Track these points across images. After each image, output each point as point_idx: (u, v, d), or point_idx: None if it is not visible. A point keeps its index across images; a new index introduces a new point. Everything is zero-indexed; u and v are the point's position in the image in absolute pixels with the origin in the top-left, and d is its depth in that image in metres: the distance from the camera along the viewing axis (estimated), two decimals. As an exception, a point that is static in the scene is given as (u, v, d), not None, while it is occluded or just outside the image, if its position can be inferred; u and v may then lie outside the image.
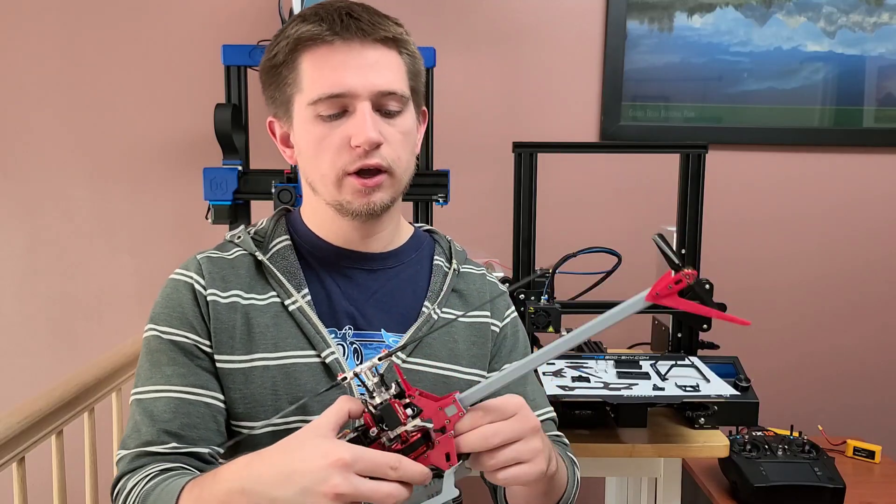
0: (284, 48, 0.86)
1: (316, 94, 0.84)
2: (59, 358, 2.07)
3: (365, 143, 0.83)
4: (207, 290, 0.88)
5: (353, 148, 0.84)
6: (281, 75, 0.87)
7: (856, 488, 1.61)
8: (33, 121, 2.02)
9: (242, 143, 1.70)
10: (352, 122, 0.84)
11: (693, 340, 1.54)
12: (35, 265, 2.06)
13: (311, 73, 0.85)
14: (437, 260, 0.99)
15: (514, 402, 0.72)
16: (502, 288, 1.04)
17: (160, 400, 0.85)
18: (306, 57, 0.85)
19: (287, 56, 0.86)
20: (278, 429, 0.85)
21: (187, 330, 0.87)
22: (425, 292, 0.95)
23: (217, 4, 1.99)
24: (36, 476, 1.28)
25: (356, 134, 0.83)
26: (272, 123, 0.93)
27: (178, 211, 2.03)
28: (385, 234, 0.95)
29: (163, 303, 0.89)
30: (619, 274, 1.48)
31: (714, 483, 1.64)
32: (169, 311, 0.88)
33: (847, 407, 2.17)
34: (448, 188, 1.64)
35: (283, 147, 0.94)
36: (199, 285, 0.88)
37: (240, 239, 0.94)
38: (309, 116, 0.85)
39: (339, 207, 0.88)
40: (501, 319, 1.00)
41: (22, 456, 1.20)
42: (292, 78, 0.86)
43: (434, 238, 1.03)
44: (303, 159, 0.90)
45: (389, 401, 0.67)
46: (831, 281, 2.13)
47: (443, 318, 0.94)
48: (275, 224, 0.96)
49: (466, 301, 0.97)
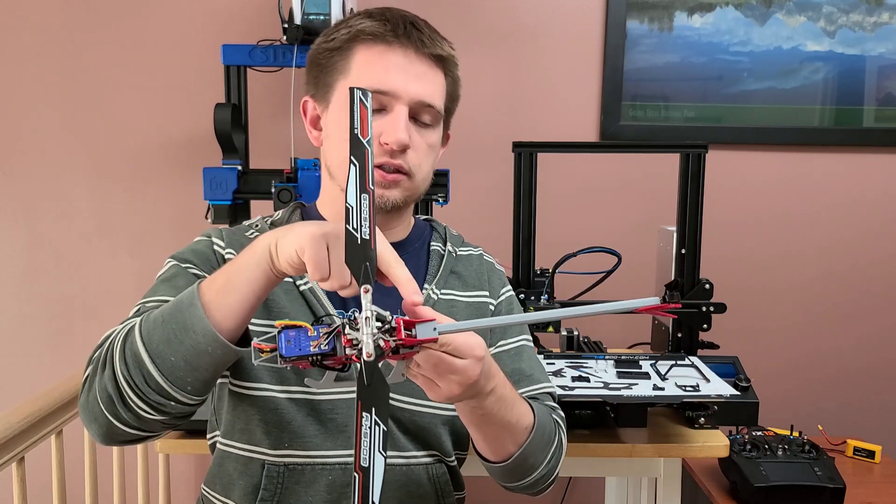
0: (345, 35, 0.90)
1: (362, 84, 0.86)
2: (59, 358, 2.07)
3: (395, 142, 0.87)
4: (226, 250, 0.93)
5: (381, 144, 0.88)
6: (332, 60, 0.91)
7: (856, 488, 1.61)
8: (33, 121, 2.02)
9: (242, 142, 1.70)
10: (386, 120, 0.88)
11: (693, 340, 1.54)
12: (35, 265, 2.06)
13: (362, 64, 0.89)
14: (434, 245, 1.03)
15: (472, 346, 0.72)
16: (499, 267, 1.09)
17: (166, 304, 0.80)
18: (362, 49, 0.90)
19: (344, 43, 0.90)
20: (281, 396, 0.87)
21: (208, 270, 0.89)
22: (424, 276, 0.99)
23: (217, 4, 1.98)
24: (36, 476, 1.28)
25: (388, 132, 0.88)
26: (306, 103, 0.97)
27: (178, 211, 2.03)
28: (394, 231, 0.98)
29: (186, 250, 0.93)
30: (619, 274, 1.48)
31: (714, 483, 1.64)
32: (192, 254, 0.92)
33: (847, 407, 2.17)
34: (448, 188, 1.64)
35: (311, 128, 0.97)
36: (218, 245, 0.93)
37: (257, 226, 0.98)
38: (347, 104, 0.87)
39: None
40: (497, 297, 1.04)
41: (22, 456, 1.20)
42: (342, 64, 0.90)
43: (432, 226, 1.07)
44: (328, 142, 0.94)
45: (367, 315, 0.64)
46: (831, 281, 2.13)
47: (442, 298, 0.97)
48: (290, 214, 1.00)
49: (465, 282, 1.01)
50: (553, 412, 0.98)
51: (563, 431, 0.97)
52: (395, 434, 0.92)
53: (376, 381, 0.61)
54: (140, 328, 0.75)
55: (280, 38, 1.63)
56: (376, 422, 0.59)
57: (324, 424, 0.88)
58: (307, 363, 0.66)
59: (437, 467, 0.95)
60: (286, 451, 0.88)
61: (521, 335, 1.03)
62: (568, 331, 1.57)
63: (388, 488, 0.89)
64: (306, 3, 1.57)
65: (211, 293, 0.73)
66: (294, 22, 1.58)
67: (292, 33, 1.59)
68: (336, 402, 0.89)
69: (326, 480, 0.88)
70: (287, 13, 1.62)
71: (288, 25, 1.59)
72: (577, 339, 1.58)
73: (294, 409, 0.88)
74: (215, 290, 0.74)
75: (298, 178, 1.59)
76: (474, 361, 0.72)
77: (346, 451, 0.89)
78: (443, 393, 0.73)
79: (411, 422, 0.92)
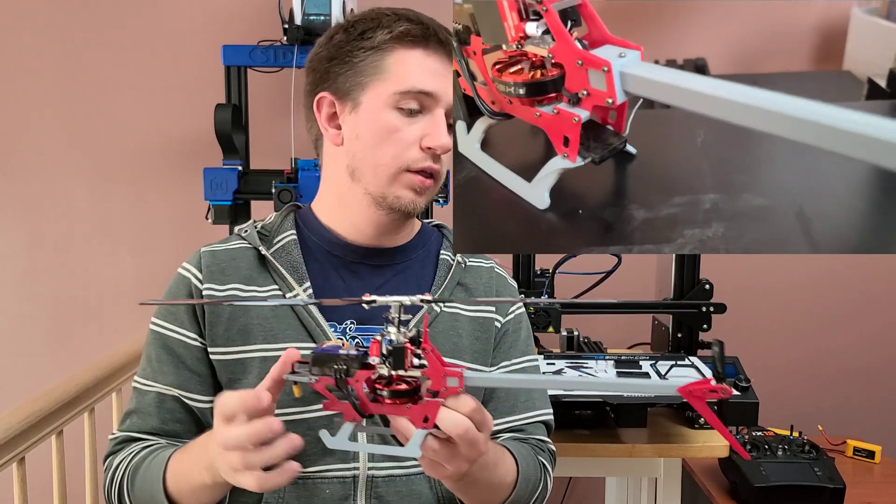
0: (384, 35, 0.88)
1: (406, 85, 0.86)
2: (59, 358, 2.07)
3: (440, 147, 0.87)
4: (204, 285, 0.90)
5: (423, 148, 0.87)
6: (366, 59, 0.89)
7: (856, 488, 1.61)
8: (33, 121, 2.02)
9: (242, 143, 1.71)
10: (429, 124, 0.88)
11: (693, 340, 1.54)
12: (35, 265, 2.06)
13: (403, 66, 0.88)
14: (443, 254, 0.99)
15: (489, 421, 0.71)
16: (511, 282, 1.04)
17: (149, 394, 0.90)
18: (401, 51, 0.88)
19: (383, 43, 0.88)
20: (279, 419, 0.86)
21: (176, 325, 0.90)
22: (430, 286, 0.96)
23: (217, 4, 1.99)
24: (36, 476, 1.28)
25: (434, 136, 0.87)
26: (322, 100, 0.92)
27: (178, 211, 2.03)
28: (399, 236, 0.96)
29: (164, 297, 0.94)
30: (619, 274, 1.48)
31: (714, 483, 1.64)
32: (167, 310, 0.92)
33: (847, 407, 2.17)
34: (448, 188, 1.64)
35: (327, 125, 0.93)
36: (195, 280, 0.91)
37: (246, 233, 0.95)
38: (387, 104, 0.87)
39: (382, 199, 0.90)
40: (505, 315, 1.00)
41: (22, 456, 1.20)
42: (377, 65, 0.88)
43: (442, 232, 1.04)
44: (359, 143, 0.89)
45: (405, 344, 0.66)
46: (831, 281, 2.13)
47: (445, 311, 0.95)
48: (282, 219, 0.97)
49: (472, 295, 0.98)
50: (540, 452, 0.97)
51: (549, 473, 0.96)
52: (394, 444, 0.91)
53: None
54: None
55: (280, 38, 1.64)
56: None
57: (320, 441, 0.88)
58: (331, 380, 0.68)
59: None
60: None
61: (526, 355, 1.01)
62: (568, 331, 1.58)
63: (391, 500, 0.89)
64: (307, 4, 1.57)
65: (174, 490, 0.81)
66: (294, 22, 1.59)
67: (293, 34, 1.59)
68: (332, 416, 0.88)
69: (324, 494, 0.88)
70: (287, 13, 1.62)
71: (288, 26, 1.60)
72: (578, 340, 1.58)
73: (291, 429, 0.87)
74: (177, 491, 0.81)
75: (299, 178, 1.60)
76: (487, 433, 0.69)
77: (343, 465, 0.88)
78: (448, 473, 0.70)
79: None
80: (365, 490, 0.88)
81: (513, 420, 0.97)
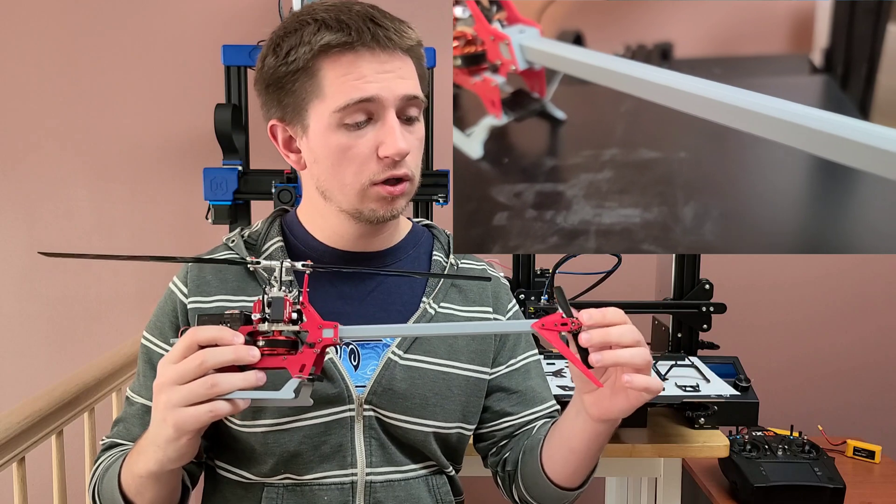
0: (306, 54, 0.82)
1: (343, 100, 0.81)
2: (60, 358, 2.07)
3: (396, 154, 0.82)
4: (189, 299, 0.90)
5: (380, 158, 0.83)
6: (297, 81, 0.84)
7: (856, 488, 1.61)
8: (33, 121, 2.02)
9: (242, 143, 1.70)
10: (381, 132, 0.83)
11: (693, 340, 1.54)
12: (35, 265, 2.06)
13: (335, 80, 0.82)
14: (435, 255, 0.98)
15: (618, 313, 0.75)
16: (504, 282, 1.03)
17: (135, 405, 0.92)
18: (329, 64, 0.82)
19: (307, 63, 0.83)
20: (269, 430, 0.86)
21: (160, 339, 0.92)
22: (423, 288, 0.95)
23: (217, 4, 1.99)
24: (36, 476, 1.28)
25: (387, 144, 0.82)
26: (275, 127, 0.90)
27: (178, 211, 2.03)
28: (387, 234, 0.95)
29: (154, 314, 0.94)
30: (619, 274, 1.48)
31: (714, 483, 1.64)
32: (154, 320, 0.93)
33: (847, 407, 2.17)
34: (448, 188, 1.64)
35: (287, 151, 0.91)
36: (181, 294, 0.91)
37: (233, 243, 0.94)
38: (332, 124, 0.83)
39: (358, 215, 0.88)
40: (504, 314, 1.00)
41: (22, 456, 1.20)
42: (312, 85, 0.83)
43: (433, 233, 1.02)
44: (318, 167, 0.87)
45: (284, 297, 0.71)
46: (831, 281, 2.13)
47: (440, 313, 0.94)
48: (269, 226, 0.96)
49: (466, 296, 0.97)
50: None
51: None
52: (391, 450, 0.90)
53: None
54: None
55: (280, 38, 1.63)
56: None
57: (317, 448, 0.87)
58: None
59: (436, 478, 0.94)
60: (284, 476, 0.88)
61: (528, 351, 1.01)
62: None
63: None
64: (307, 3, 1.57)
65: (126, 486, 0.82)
66: (294, 22, 1.59)
67: (292, 33, 1.59)
68: (329, 423, 0.88)
69: (323, 501, 0.87)
70: (287, 13, 1.62)
71: (288, 26, 1.59)
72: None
73: (286, 438, 0.87)
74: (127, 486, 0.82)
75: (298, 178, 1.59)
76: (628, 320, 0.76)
77: (341, 471, 0.88)
78: (658, 385, 0.78)
79: (404, 437, 0.90)
80: (363, 496, 0.88)
81: (543, 409, 1.00)
